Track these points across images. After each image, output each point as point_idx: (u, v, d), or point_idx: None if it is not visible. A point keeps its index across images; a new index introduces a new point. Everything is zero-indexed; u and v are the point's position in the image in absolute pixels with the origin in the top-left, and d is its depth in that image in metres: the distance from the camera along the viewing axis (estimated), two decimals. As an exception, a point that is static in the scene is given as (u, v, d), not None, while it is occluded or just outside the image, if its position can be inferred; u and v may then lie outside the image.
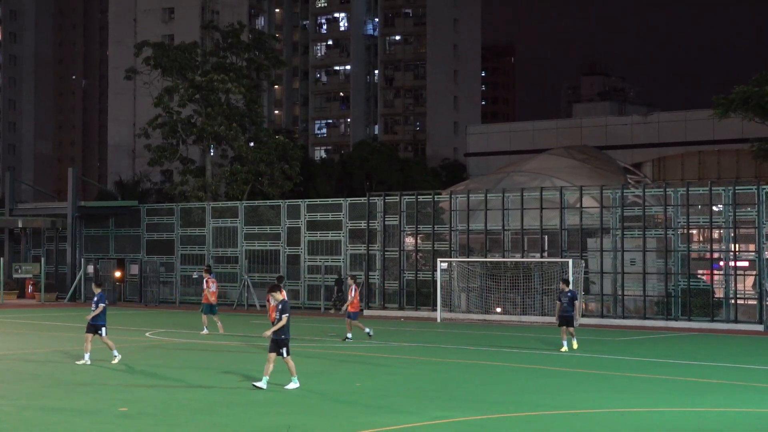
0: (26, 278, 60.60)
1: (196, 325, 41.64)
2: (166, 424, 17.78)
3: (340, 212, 51.98)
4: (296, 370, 22.30)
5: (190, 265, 56.99)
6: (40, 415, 18.73)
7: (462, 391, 22.10)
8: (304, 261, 52.96)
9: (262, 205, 56.78)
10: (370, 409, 19.53)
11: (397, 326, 42.04)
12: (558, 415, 18.95)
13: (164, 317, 46.82)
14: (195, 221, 57.95)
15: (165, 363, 27.52)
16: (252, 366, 26.69)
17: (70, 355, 29.35)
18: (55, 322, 42.75)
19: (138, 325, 40.57)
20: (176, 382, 23.23)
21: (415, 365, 27.13)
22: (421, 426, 17.62)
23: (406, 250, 50.12)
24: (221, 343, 33.14)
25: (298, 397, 20.96)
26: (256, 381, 22.17)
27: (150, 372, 25.34)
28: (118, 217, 61.36)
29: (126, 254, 59.86)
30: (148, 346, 32.80)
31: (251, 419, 18.31)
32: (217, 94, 67.27)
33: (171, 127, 67.72)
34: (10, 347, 31.61)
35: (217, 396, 21.08)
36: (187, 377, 24.17)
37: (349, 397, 21.02)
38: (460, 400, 20.64)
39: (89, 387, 22.39)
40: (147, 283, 57.28)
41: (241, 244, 55.23)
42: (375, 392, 21.84)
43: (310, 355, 29.53)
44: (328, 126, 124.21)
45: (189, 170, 69.68)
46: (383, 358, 28.78)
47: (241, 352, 30.42)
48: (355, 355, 29.89)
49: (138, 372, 25.33)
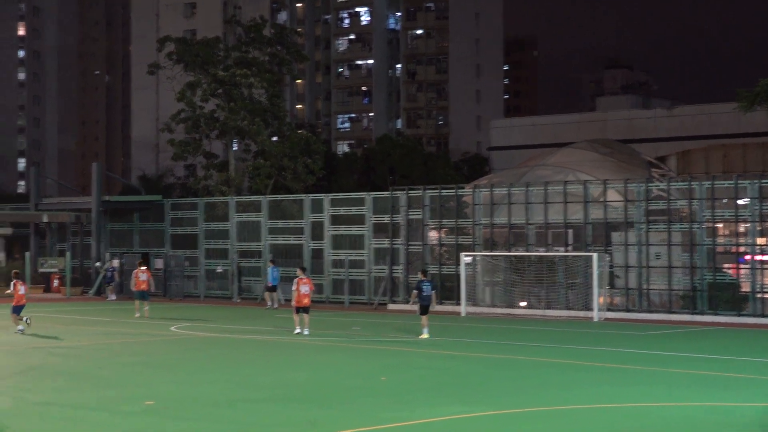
0: (51, 272, 60.88)
1: (221, 319, 41.78)
2: (191, 419, 17.83)
3: (364, 206, 51.96)
4: (319, 364, 22.31)
5: (214, 259, 57.11)
6: (66, 409, 18.82)
7: (486, 386, 22.08)
8: (327, 255, 52.97)
9: (285, 199, 56.83)
10: (393, 403, 19.52)
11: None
12: (583, 409, 18.90)
13: (189, 311, 46.96)
14: (219, 216, 58.06)
15: (190, 357, 27.61)
16: (277, 360, 26.75)
17: (96, 349, 29.50)
18: (80, 316, 42.95)
19: (163, 319, 40.69)
20: (201, 377, 23.30)
21: (439, 359, 27.10)
22: (444, 421, 17.61)
23: (430, 244, 50.07)
24: (247, 337, 33.21)
25: (321, 391, 20.99)
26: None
27: (175, 366, 25.42)
28: (143, 212, 61.55)
29: (150, 248, 60.04)
30: (173, 340, 32.90)
31: (275, 413, 18.34)
32: (239, 88, 67.33)
33: (194, 122, 67.82)
34: (36, 341, 31.77)
35: (241, 390, 21.13)
36: (211, 371, 24.23)
37: (372, 392, 21.03)
38: (483, 395, 20.62)
39: (115, 381, 22.48)
40: (171, 277, 57.43)
41: (264, 239, 55.28)
42: (399, 386, 21.83)
43: (334, 350, 29.57)
44: (350, 120, 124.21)
45: (212, 165, 69.79)
46: (407, 353, 28.77)
47: (266, 346, 30.47)
48: (380, 349, 29.89)
49: (163, 366, 25.42)
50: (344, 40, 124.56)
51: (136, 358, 26.83)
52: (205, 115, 67.86)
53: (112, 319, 41.81)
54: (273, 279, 49.19)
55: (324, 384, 22.00)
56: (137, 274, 43.26)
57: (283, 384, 21.99)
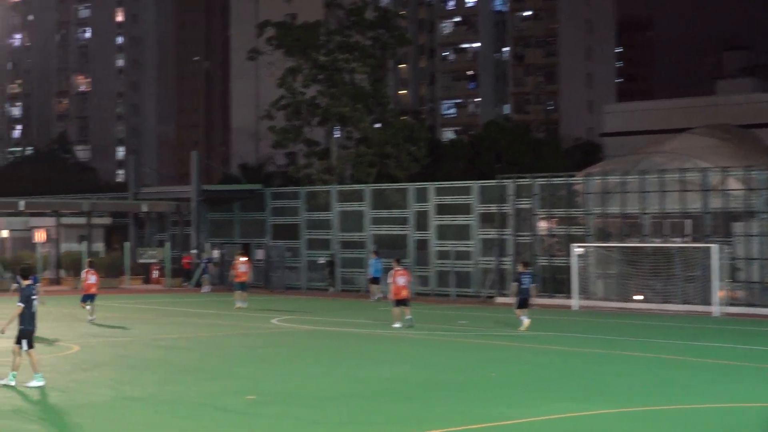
0: (151, 263, 61.86)
1: (322, 311, 42.07)
2: (294, 414, 17.99)
3: (470, 195, 51.80)
4: (425, 359, 22.34)
5: (316, 250, 57.47)
6: (167, 402, 19.13)
7: (598, 383, 21.89)
8: (432, 246, 52.94)
9: (388, 188, 56.93)
10: (501, 399, 19.47)
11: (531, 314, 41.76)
12: (700, 409, 18.63)
13: (290, 303, 47.37)
14: (320, 205, 58.40)
15: (292, 350, 27.85)
16: (381, 354, 26.84)
17: (197, 341, 29.94)
18: (180, 308, 43.62)
19: (264, 311, 41.12)
20: (303, 370, 23.49)
21: (549, 355, 26.95)
22: (555, 419, 17.51)
23: (539, 234, 49.76)
24: (349, 330, 33.39)
25: (427, 386, 21.01)
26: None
27: (277, 359, 25.67)
28: (243, 201, 62.20)
29: (251, 239, 60.66)
30: (274, 332, 33.22)
31: (380, 408, 18.42)
32: (341, 74, 67.57)
33: (295, 109, 68.25)
34: (137, 333, 32.36)
35: (345, 385, 21.25)
36: (314, 365, 24.41)
37: (479, 387, 20.98)
38: (596, 392, 20.45)
39: (216, 374, 22.79)
40: (273, 269, 57.96)
41: (367, 229, 55.48)
42: (506, 382, 21.77)
43: (440, 344, 29.57)
44: (456, 106, 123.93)
45: (314, 153, 70.19)
46: (515, 348, 28.67)
47: (370, 339, 30.60)
48: (487, 343, 29.82)
49: (265, 359, 25.68)
50: (449, 22, 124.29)
51: (237, 351, 27.17)
52: (306, 101, 68.26)
53: (212, 311, 42.38)
54: (376, 271, 49.37)
55: (430, 379, 22.02)
56: (237, 264, 43.86)
57: (388, 379, 22.07)
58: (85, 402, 18.91)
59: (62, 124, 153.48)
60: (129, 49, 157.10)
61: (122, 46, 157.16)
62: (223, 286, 58.13)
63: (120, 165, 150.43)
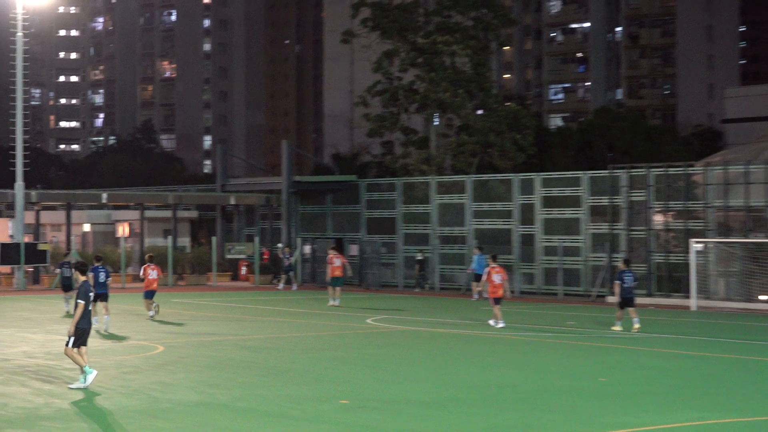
0: (239, 259, 62.37)
1: (420, 310, 42.03)
2: (391, 422, 17.93)
3: (579, 187, 51.37)
4: (531, 362, 22.16)
5: (414, 245, 57.44)
6: (255, 405, 19.21)
7: (723, 390, 21.50)
8: (539, 241, 52.62)
9: (492, 179, 56.70)
10: (616, 407, 19.22)
11: (646, 315, 41.30)
12: (838, 419, 18.20)
13: (386, 302, 47.41)
14: (418, 197, 58.37)
15: (388, 352, 27.83)
16: (484, 357, 26.70)
17: (287, 341, 30.07)
18: (270, 307, 43.89)
19: (358, 311, 41.20)
20: (401, 374, 23.44)
21: (666, 359, 26.57)
22: (678, 428, 17.22)
23: (655, 229, 49.16)
24: (450, 331, 33.30)
25: (535, 392, 20.84)
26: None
27: (372, 361, 25.66)
28: (336, 194, 62.44)
29: (344, 233, 60.85)
30: (369, 333, 33.25)
31: (484, 416, 18.28)
32: (441, 57, 67.42)
33: (391, 95, 68.30)
34: (224, 333, 32.61)
35: (447, 390, 21.16)
36: (412, 368, 24.36)
37: (591, 393, 20.75)
38: (721, 400, 20.09)
39: (307, 377, 22.84)
40: (367, 265, 58.08)
41: (469, 223, 55.31)
42: (621, 388, 21.49)
43: (547, 346, 29.36)
44: (564, 91, 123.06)
45: (411, 141, 70.18)
46: (630, 351, 28.32)
47: (471, 340, 30.47)
48: (598, 346, 29.52)
49: (359, 361, 25.69)
50: (557, 1, 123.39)
51: (330, 353, 27.21)
52: (404, 86, 68.25)
53: (303, 309, 42.58)
54: (479, 268, 49.13)
55: (537, 384, 21.83)
56: (331, 260, 44.13)
57: (493, 383, 21.93)
58: (169, 405, 19.07)
59: (146, 112, 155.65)
60: (216, 33, 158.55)
61: (209, 30, 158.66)
62: (314, 283, 58.45)
63: (207, 155, 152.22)
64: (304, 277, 60.23)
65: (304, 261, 60.32)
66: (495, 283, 34.37)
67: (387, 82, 68.68)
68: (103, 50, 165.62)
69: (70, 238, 56.96)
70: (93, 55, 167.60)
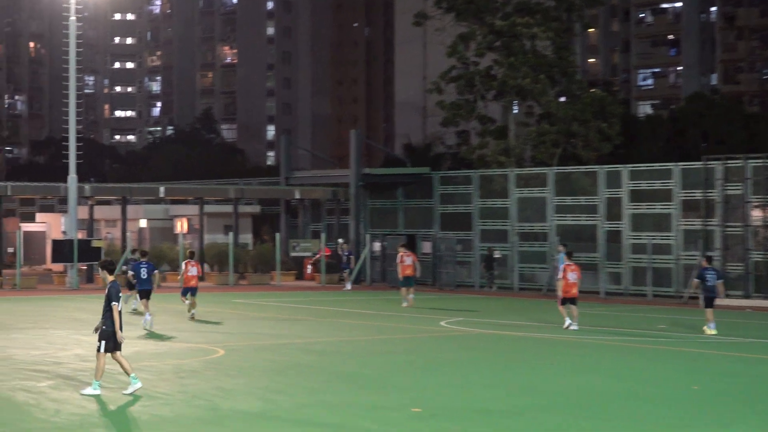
0: (305, 257, 62.63)
1: (497, 312, 41.99)
2: (464, 430, 17.94)
3: (670, 180, 51.02)
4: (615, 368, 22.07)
5: (491, 242, 57.35)
6: (320, 412, 19.30)
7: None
8: (626, 238, 52.33)
9: (575, 171, 56.47)
10: (708, 417, 19.11)
11: (743, 318, 41.00)
12: None
13: (461, 303, 47.39)
14: (496, 191, 58.28)
15: (462, 357, 27.83)
16: (564, 361, 26.62)
17: (355, 345, 30.18)
18: (337, 308, 44.05)
19: (431, 312, 41.23)
20: (475, 380, 23.45)
21: (765, 366, 26.36)
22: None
23: (753, 225, 48.69)
24: (527, 335, 33.23)
25: (618, 400, 20.76)
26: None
27: (445, 367, 25.68)
28: (408, 187, 62.47)
29: (416, 230, 60.89)
30: (442, 336, 33.29)
31: (562, 425, 18.23)
32: (520, 40, 67.20)
33: (467, 81, 68.21)
34: (288, 335, 32.80)
35: (523, 397, 21.14)
36: (487, 374, 24.36)
37: (682, 403, 20.62)
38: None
39: (376, 383, 22.92)
40: (441, 264, 58.09)
41: (550, 218, 55.13)
42: (714, 397, 21.36)
43: (633, 351, 29.21)
44: (654, 76, 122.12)
45: (488, 131, 70.04)
46: (723, 357, 28.11)
47: (551, 344, 30.39)
48: (689, 351, 29.33)
49: (432, 367, 25.72)
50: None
51: (400, 357, 27.28)
52: (480, 72, 68.14)
53: (373, 311, 42.70)
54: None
55: (622, 392, 21.74)
56: (402, 258, 44.25)
57: (574, 391, 21.86)
58: (229, 413, 19.22)
59: (206, 100, 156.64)
60: (280, 15, 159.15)
61: (272, 12, 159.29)
62: (384, 283, 58.57)
63: (270, 146, 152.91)
64: (374, 276, 60.38)
65: (373, 259, 60.47)
66: (570, 281, 34.33)
67: (462, 67, 68.59)
68: (160, 35, 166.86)
69: (126, 235, 57.55)
70: (150, 40, 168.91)
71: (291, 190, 63.73)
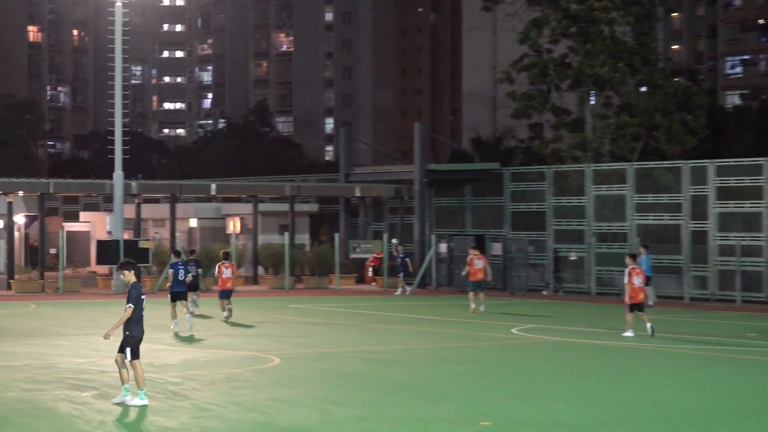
0: (365, 259, 62.68)
1: (573, 318, 41.86)
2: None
3: (761, 176, 50.63)
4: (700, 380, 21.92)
5: (566, 243, 57.15)
6: (381, 426, 19.33)
7: None
8: (712, 239, 51.98)
9: (657, 167, 56.15)
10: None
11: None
12: None
13: (534, 308, 47.29)
14: (572, 188, 58.06)
15: (534, 367, 27.77)
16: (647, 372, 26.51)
17: (418, 353, 30.20)
18: (399, 314, 44.07)
19: (502, 318, 41.16)
20: (549, 392, 23.38)
21: None
22: None
23: None
24: (606, 343, 33.10)
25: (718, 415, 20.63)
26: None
27: (516, 378, 25.64)
28: (476, 183, 62.37)
29: (486, 230, 60.78)
30: (513, 344, 33.23)
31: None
32: (598, 25, 66.93)
33: (540, 70, 68.05)
34: (347, 343, 32.87)
35: (599, 410, 21.07)
36: (562, 385, 24.28)
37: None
38: None
39: (441, 394, 22.90)
40: (513, 266, 57.95)
41: (630, 218, 54.85)
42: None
43: (720, 361, 29.05)
44: (743, 63, 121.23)
45: (563, 123, 69.84)
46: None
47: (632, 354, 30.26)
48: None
49: (501, 377, 25.69)
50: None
51: (467, 367, 27.25)
52: (555, 60, 67.94)
53: (438, 317, 42.70)
54: (648, 269, 48.64)
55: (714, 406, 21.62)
56: (473, 260, 44.28)
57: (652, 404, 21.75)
58: (285, 425, 19.29)
59: (260, 91, 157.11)
60: (339, 1, 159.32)
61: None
62: (451, 287, 58.54)
63: (328, 140, 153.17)
64: (439, 280, 60.35)
65: (439, 261, 60.43)
66: (635, 286, 34.32)
67: (535, 55, 68.43)
68: (211, 21, 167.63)
69: (175, 235, 57.87)
70: (200, 28, 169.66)
71: (351, 188, 63.81)
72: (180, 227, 60.96)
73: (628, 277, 34.55)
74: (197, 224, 65.87)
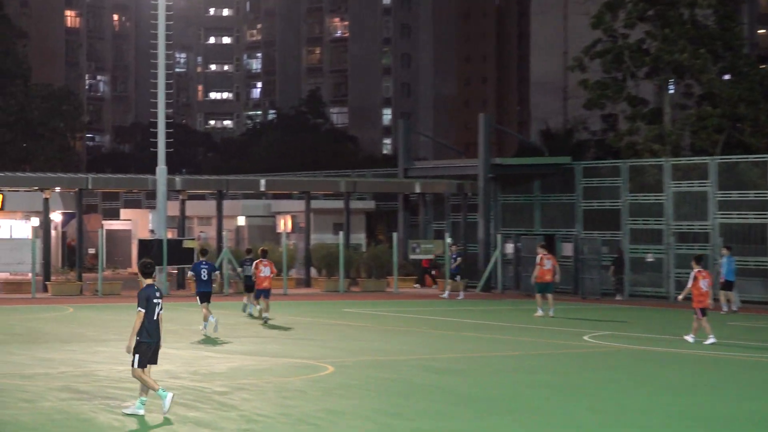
0: (426, 260, 62.61)
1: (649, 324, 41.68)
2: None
3: None
4: None
5: (643, 244, 56.88)
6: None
7: None
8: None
9: (742, 161, 55.80)
10: None
11: None
12: None
13: (608, 314, 47.11)
14: (649, 184, 57.79)
15: (608, 377, 27.69)
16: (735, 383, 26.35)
17: (483, 362, 30.14)
18: (462, 319, 44.02)
19: (573, 324, 41.03)
20: (627, 403, 23.31)
21: None
22: None
23: None
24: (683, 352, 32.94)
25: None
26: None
27: (590, 388, 25.56)
28: (545, 179, 62.18)
29: (556, 229, 60.59)
30: (585, 353, 33.13)
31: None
32: (677, 8, 66.63)
33: (615, 56, 67.80)
34: (405, 350, 32.84)
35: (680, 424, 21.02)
36: (638, 397, 24.18)
37: None
38: None
39: (509, 406, 22.86)
40: (585, 269, 57.70)
41: (712, 216, 54.52)
42: None
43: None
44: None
45: (640, 114, 69.54)
46: None
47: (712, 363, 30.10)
48: None
49: (573, 388, 25.60)
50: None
51: (536, 377, 27.18)
52: (630, 46, 67.68)
53: (505, 322, 42.63)
54: (728, 272, 48.36)
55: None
56: (542, 260, 44.27)
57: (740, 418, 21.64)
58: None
59: (313, 80, 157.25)
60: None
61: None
62: (518, 291, 58.43)
63: (386, 132, 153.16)
64: (505, 282, 60.21)
65: (505, 263, 60.27)
66: (702, 290, 34.54)
67: (609, 40, 68.18)
68: (261, 6, 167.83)
69: (222, 234, 58.02)
70: (249, 12, 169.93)
71: (410, 183, 63.77)
72: (227, 226, 61.00)
73: (693, 281, 34.58)
74: (245, 223, 66.06)
